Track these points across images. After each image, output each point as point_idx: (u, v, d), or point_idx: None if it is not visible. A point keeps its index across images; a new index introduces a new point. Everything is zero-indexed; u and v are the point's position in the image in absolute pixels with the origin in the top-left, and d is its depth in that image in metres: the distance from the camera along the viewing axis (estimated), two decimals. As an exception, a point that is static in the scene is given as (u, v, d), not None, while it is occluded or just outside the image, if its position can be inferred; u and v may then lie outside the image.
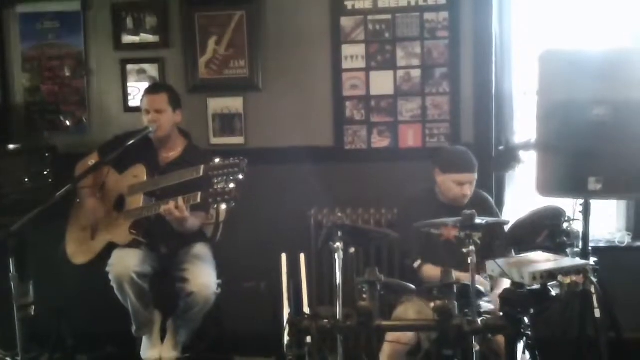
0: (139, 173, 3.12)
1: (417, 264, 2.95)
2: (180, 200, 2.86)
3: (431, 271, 2.89)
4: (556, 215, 2.79)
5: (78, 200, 3.31)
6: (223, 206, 2.73)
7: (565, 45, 3.49)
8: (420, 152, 3.61)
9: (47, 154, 3.58)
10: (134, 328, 3.16)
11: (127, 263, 2.99)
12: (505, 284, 2.31)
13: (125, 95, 3.84)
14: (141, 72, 3.82)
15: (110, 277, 3.00)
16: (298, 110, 3.74)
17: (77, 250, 3.26)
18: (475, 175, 2.99)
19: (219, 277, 3.16)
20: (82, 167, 3.29)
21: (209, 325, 3.23)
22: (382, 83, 3.66)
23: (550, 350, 2.64)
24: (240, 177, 2.76)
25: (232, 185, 2.74)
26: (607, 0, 3.57)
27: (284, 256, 2.76)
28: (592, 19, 3.59)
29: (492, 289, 2.85)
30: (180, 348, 3.18)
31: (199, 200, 2.81)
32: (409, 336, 2.66)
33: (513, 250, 2.97)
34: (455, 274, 2.35)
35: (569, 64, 2.79)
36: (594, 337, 2.69)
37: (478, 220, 2.27)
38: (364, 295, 2.28)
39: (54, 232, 3.33)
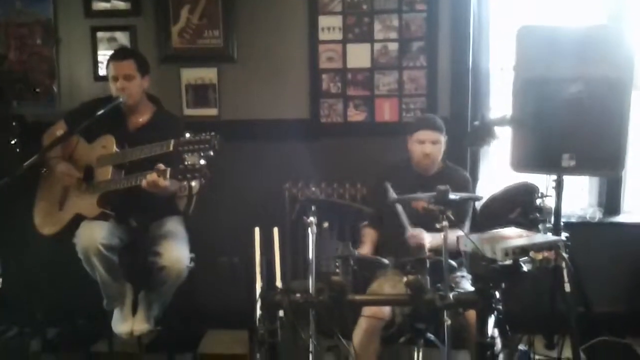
0: (108, 144, 3.04)
1: (364, 223, 3.04)
2: (161, 166, 2.78)
3: (367, 236, 3.07)
4: (529, 192, 2.81)
5: (44, 170, 3.23)
6: (193, 183, 2.68)
7: (543, 22, 3.47)
8: (396, 127, 3.58)
9: (14, 123, 3.49)
10: (104, 301, 3.12)
11: (93, 235, 2.93)
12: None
13: (95, 63, 3.74)
14: (112, 40, 3.71)
15: (77, 249, 2.95)
16: (273, 82, 3.68)
17: (45, 221, 3.19)
18: (439, 136, 2.98)
19: (191, 251, 3.13)
20: (49, 137, 3.20)
21: (181, 299, 3.20)
22: (358, 56, 3.61)
23: (521, 325, 2.68)
24: (211, 153, 2.69)
25: (202, 162, 2.68)
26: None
27: (257, 230, 2.73)
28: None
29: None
30: (153, 321, 3.15)
31: (167, 177, 2.76)
32: (385, 311, 2.66)
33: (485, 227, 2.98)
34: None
35: (546, 41, 2.79)
36: (564, 312, 2.73)
37: (452, 196, 2.26)
38: (337, 270, 2.27)
39: (22, 203, 3.25)
